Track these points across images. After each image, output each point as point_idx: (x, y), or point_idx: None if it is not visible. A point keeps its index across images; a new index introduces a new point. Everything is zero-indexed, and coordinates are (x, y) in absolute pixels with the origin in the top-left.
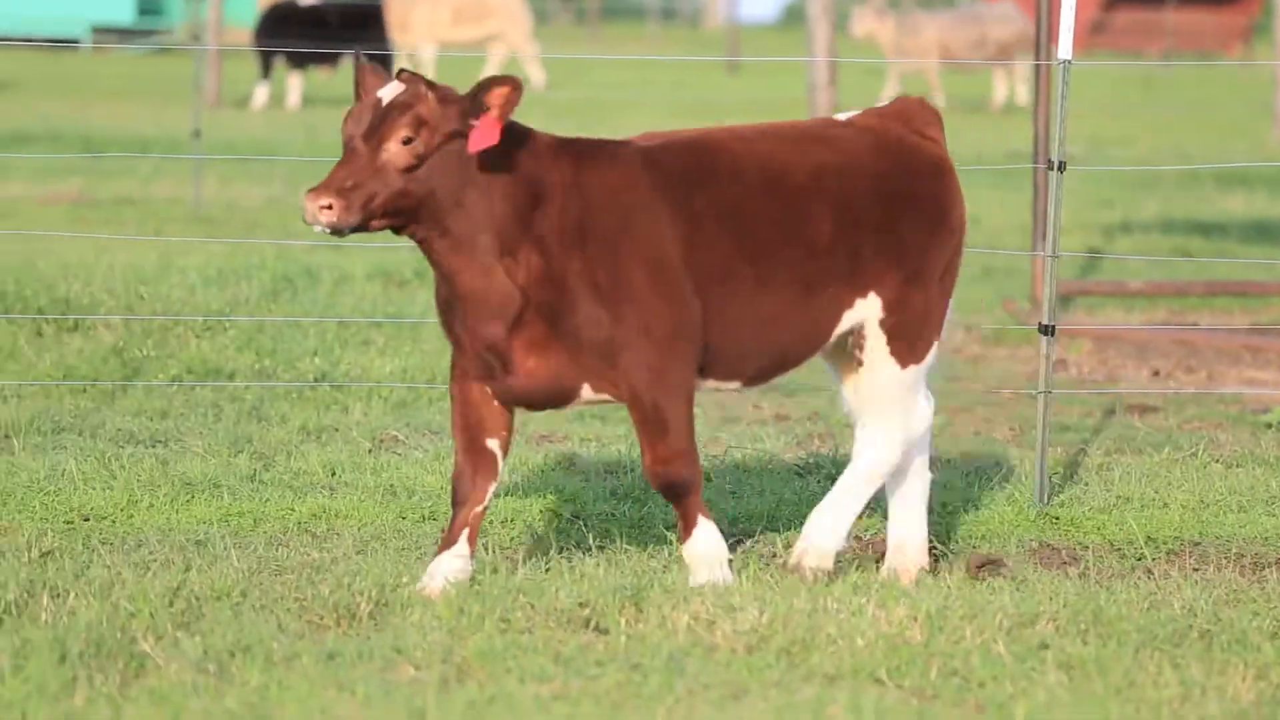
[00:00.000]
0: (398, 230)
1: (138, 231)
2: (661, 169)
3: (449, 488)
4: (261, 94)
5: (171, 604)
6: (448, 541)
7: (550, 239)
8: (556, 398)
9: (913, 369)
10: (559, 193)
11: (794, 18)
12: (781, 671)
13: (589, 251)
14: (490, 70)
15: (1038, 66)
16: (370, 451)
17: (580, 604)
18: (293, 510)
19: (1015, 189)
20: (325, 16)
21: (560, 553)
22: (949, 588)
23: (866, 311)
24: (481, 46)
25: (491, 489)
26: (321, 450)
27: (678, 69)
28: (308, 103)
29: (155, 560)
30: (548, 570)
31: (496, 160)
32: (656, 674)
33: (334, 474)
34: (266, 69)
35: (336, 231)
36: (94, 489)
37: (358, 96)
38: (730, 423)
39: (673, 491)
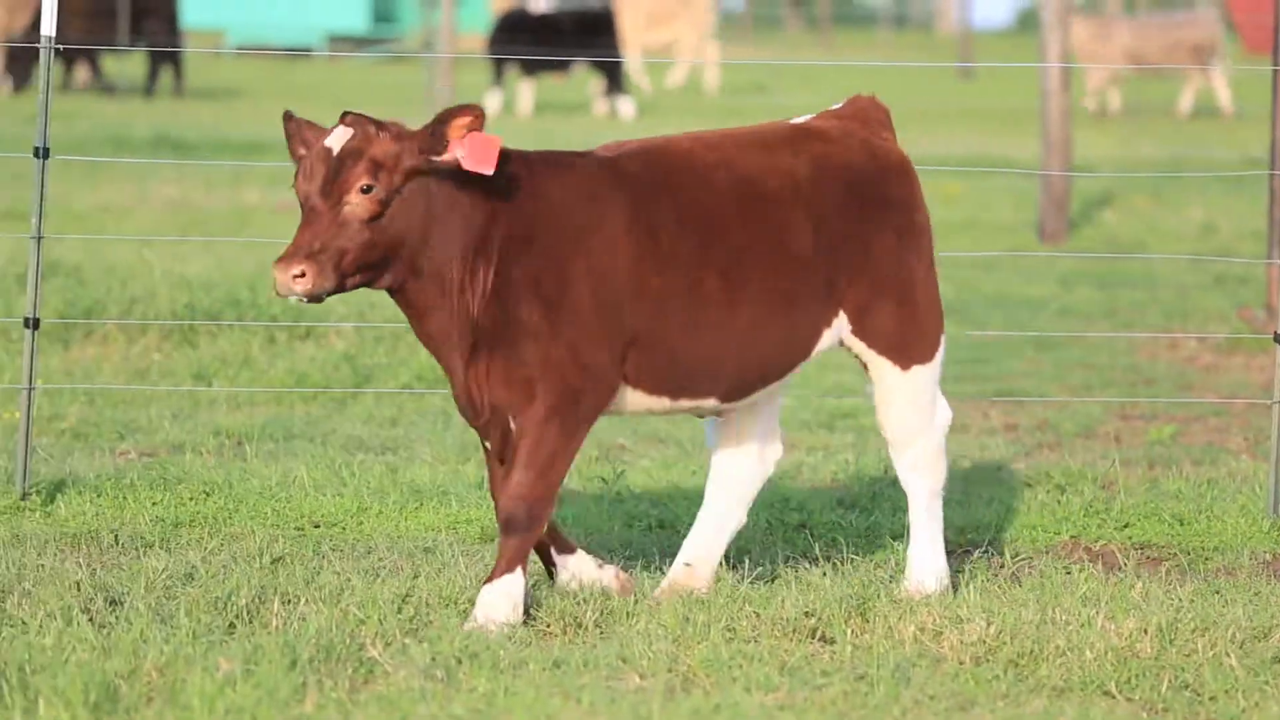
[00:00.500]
0: (371, 285)
1: None
2: (623, 180)
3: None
4: (494, 101)
5: (400, 610)
6: (547, 567)
7: (499, 251)
8: (501, 423)
9: (919, 369)
10: (511, 203)
11: (1028, 23)
12: (1009, 683)
13: (533, 258)
14: (677, 75)
15: (1276, 71)
16: (598, 460)
17: (806, 613)
18: None
19: (1251, 196)
20: (558, 23)
21: (786, 562)
22: (1180, 599)
23: (852, 322)
24: (665, 51)
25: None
26: None
27: (910, 75)
28: (539, 109)
29: (384, 567)
30: (773, 579)
31: (455, 189)
32: (883, 684)
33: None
34: (499, 76)
35: (314, 299)
36: (324, 496)
37: (293, 153)
38: (959, 431)
39: (514, 527)
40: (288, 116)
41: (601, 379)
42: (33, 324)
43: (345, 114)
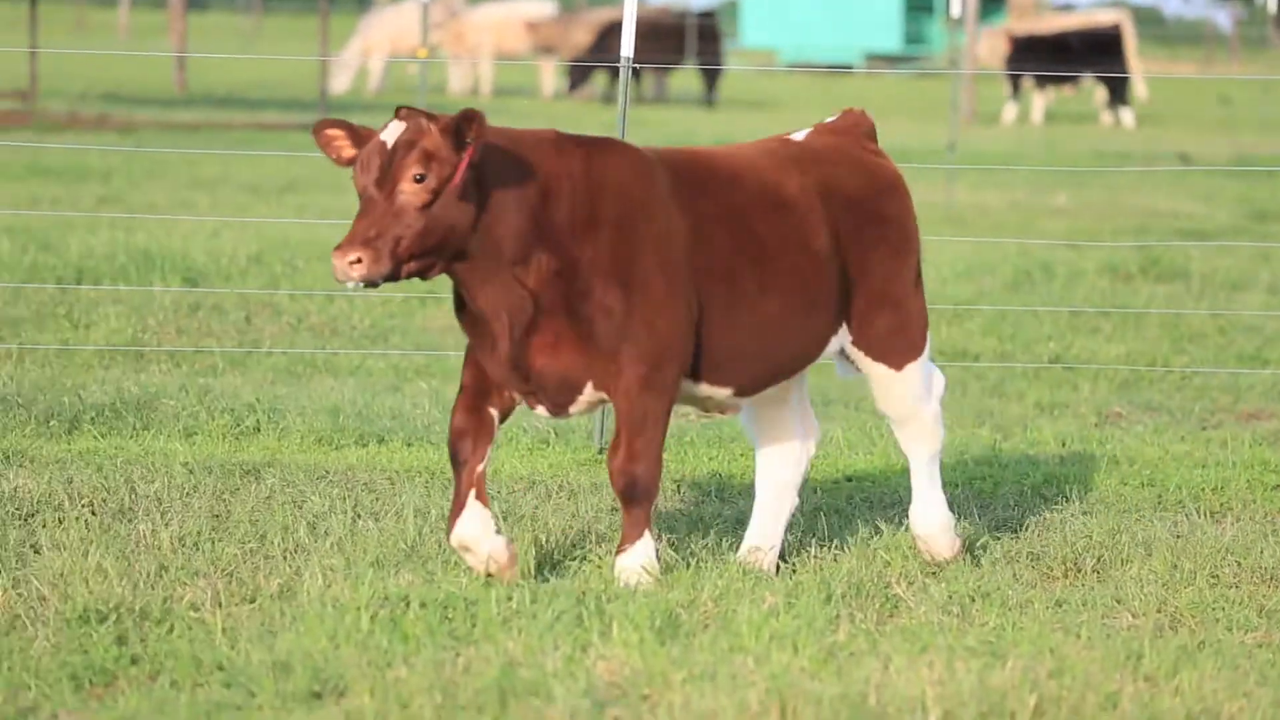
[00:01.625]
0: (426, 274)
1: None
2: (670, 169)
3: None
4: (1010, 112)
5: (919, 553)
6: (458, 505)
7: (562, 233)
8: (564, 396)
9: (911, 366)
10: (568, 185)
11: None
12: None
13: (601, 240)
14: (1139, 89)
15: None
16: (1096, 425)
17: None
18: (1028, 476)
19: None
20: (1069, 43)
21: (1265, 518)
22: None
23: (852, 333)
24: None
25: (490, 450)
26: (1053, 423)
27: None
28: (1050, 119)
29: (907, 516)
30: (1253, 532)
31: (506, 173)
32: None
33: (1064, 444)
34: (1015, 89)
35: (370, 284)
36: (857, 454)
37: (337, 156)
38: None
39: (633, 493)
40: (319, 126)
41: (678, 346)
42: None
43: (399, 109)
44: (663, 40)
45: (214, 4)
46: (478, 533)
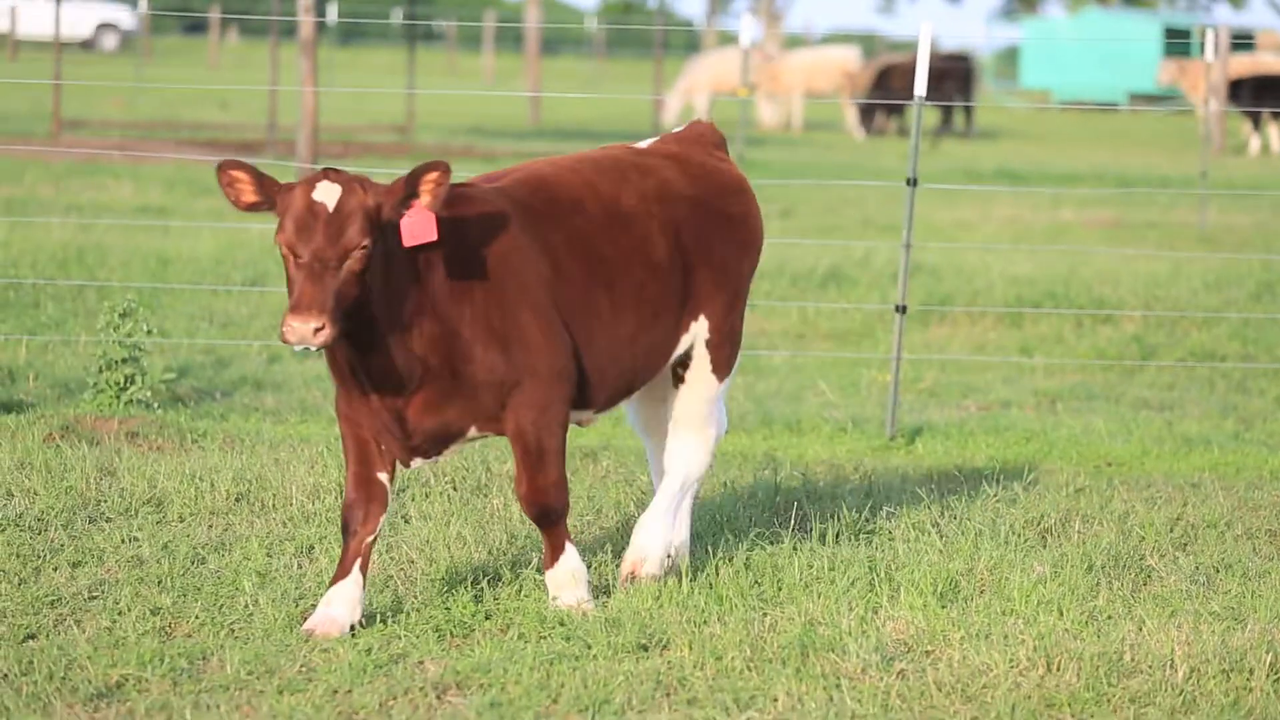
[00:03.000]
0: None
1: (1157, 249)
2: (520, 206)
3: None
4: (1255, 143)
5: (1172, 530)
6: (342, 571)
7: (440, 294)
8: (441, 444)
9: (726, 381)
10: (441, 244)
11: None
12: None
13: (477, 298)
14: None
15: None
16: None
17: None
18: (1267, 462)
19: None
20: None
21: None
22: None
23: (697, 332)
24: None
25: (383, 519)
26: None
27: None
28: None
29: (1160, 497)
30: None
31: (397, 235)
32: None
33: None
34: (1256, 124)
35: (323, 347)
36: (1116, 442)
37: (238, 199)
38: None
39: (546, 519)
40: (224, 165)
41: (563, 383)
42: (902, 310)
43: (327, 170)
44: (938, 80)
45: (564, 50)
46: (349, 600)
